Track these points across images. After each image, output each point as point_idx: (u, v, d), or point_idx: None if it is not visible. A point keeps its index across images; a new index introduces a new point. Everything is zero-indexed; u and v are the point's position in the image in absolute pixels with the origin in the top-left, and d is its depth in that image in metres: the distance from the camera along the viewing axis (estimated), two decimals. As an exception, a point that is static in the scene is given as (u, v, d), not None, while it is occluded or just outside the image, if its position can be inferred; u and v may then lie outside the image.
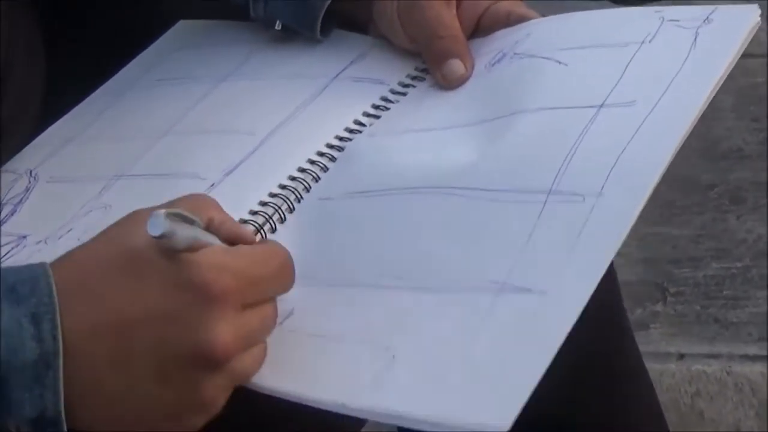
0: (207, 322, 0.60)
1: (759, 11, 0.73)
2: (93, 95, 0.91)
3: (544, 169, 0.69)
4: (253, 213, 0.74)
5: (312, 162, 0.77)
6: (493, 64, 0.80)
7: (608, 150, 0.68)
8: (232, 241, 0.64)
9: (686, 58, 0.72)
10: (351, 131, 0.79)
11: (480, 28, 0.83)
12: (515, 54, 0.79)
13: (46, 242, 0.77)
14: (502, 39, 0.82)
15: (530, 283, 0.64)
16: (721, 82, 0.71)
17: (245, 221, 0.73)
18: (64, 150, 0.86)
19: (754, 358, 1.42)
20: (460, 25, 0.82)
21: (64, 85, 0.90)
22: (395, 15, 0.83)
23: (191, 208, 0.63)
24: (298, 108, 0.82)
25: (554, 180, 0.68)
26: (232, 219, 0.66)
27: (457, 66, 0.80)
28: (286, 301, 0.67)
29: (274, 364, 0.65)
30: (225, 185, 0.77)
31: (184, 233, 0.60)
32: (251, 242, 0.65)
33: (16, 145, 0.86)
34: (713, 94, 0.70)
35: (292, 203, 0.75)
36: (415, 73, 0.84)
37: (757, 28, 0.73)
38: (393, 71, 0.84)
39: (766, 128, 1.75)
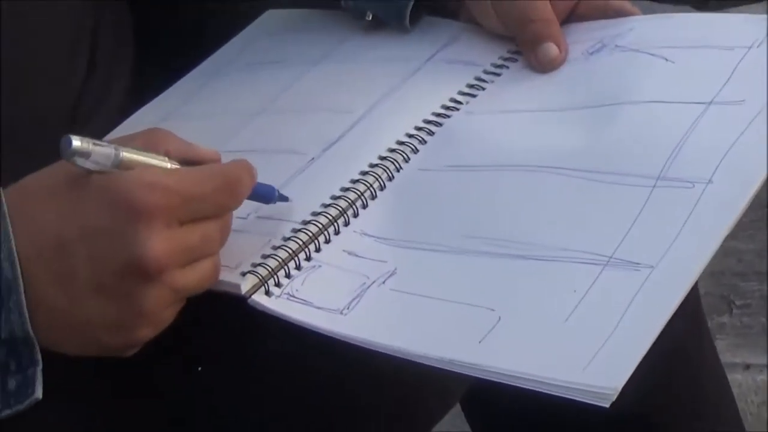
0: (137, 236, 0.63)
1: None
2: (185, 77, 0.91)
3: (653, 157, 0.71)
4: (354, 182, 0.75)
5: (410, 135, 0.79)
6: (592, 53, 0.81)
7: (718, 142, 0.70)
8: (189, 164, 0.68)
9: None
10: (447, 108, 0.81)
11: (575, 17, 0.84)
12: (617, 46, 0.80)
13: None
14: (601, 30, 0.83)
15: (638, 258, 0.65)
16: None
17: (345, 189, 0.75)
18: (163, 125, 0.86)
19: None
20: (554, 11, 0.82)
21: (152, 72, 0.92)
22: (488, 0, 0.83)
23: (147, 142, 0.67)
24: (393, 88, 0.83)
25: (663, 167, 0.70)
26: (193, 145, 0.69)
27: (551, 49, 0.81)
28: (388, 261, 0.70)
29: (379, 320, 0.67)
30: (325, 159, 0.78)
31: (103, 151, 0.64)
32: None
33: (105, 125, 0.86)
34: None
35: (391, 173, 0.76)
36: (507, 55, 0.85)
37: None
38: (485, 54, 0.85)
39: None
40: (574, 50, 0.82)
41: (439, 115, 0.80)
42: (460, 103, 0.81)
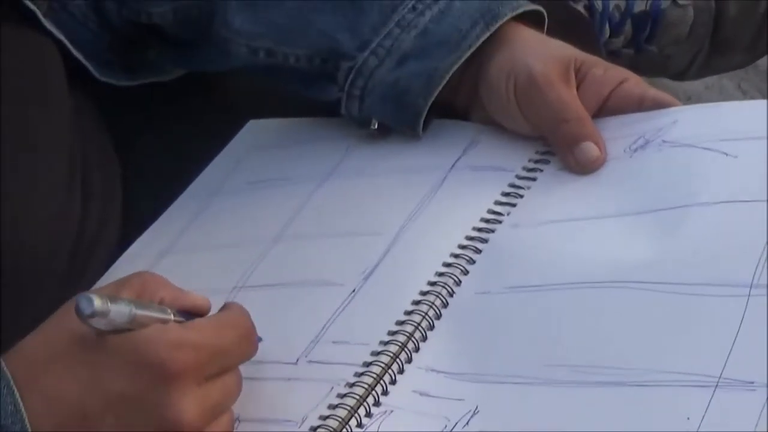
0: (170, 400, 0.61)
1: None
2: (175, 203, 0.87)
3: (741, 263, 0.66)
4: (408, 313, 0.71)
5: (456, 256, 0.74)
6: (635, 150, 0.76)
7: None
8: (187, 314, 0.65)
9: None
10: (488, 221, 0.76)
11: (605, 111, 0.79)
12: (664, 141, 0.76)
13: None
14: (642, 123, 0.78)
15: (751, 376, 0.61)
16: None
17: (401, 322, 0.70)
18: (161, 263, 0.82)
19: None
20: (584, 106, 0.78)
21: (139, 192, 0.88)
22: (512, 99, 0.79)
23: (139, 290, 0.64)
24: (421, 202, 0.79)
25: (754, 273, 0.65)
26: (185, 292, 0.67)
27: (591, 149, 0.76)
28: (466, 399, 0.66)
29: None
30: (367, 289, 0.74)
31: (120, 309, 0.60)
32: (206, 313, 0.66)
33: (104, 260, 0.84)
34: None
35: (445, 299, 0.71)
36: (537, 157, 0.80)
37: None
38: (512, 157, 0.80)
39: None
40: (614, 147, 0.77)
41: (481, 230, 0.75)
42: (500, 214, 0.76)
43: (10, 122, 0.76)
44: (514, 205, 0.77)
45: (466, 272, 0.73)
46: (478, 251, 0.74)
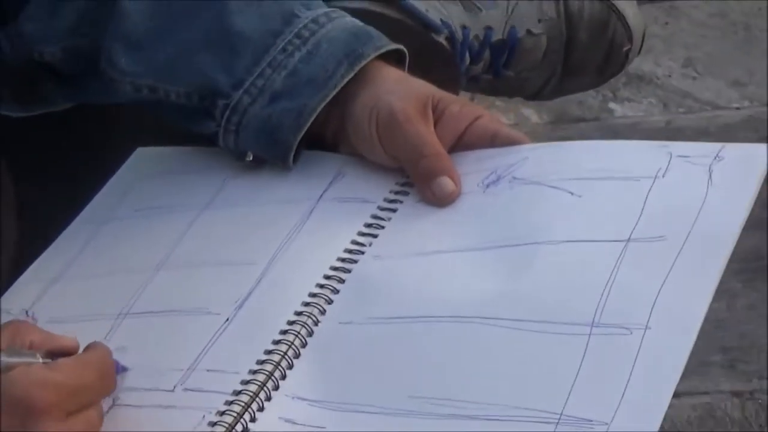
0: None
1: (766, 151, 0.75)
2: (67, 230, 0.90)
3: (583, 302, 0.69)
4: (276, 342, 0.75)
5: (321, 286, 0.78)
6: (488, 185, 0.81)
7: (646, 283, 0.69)
8: (55, 355, 0.70)
9: (706, 194, 0.73)
10: (351, 252, 0.80)
11: (461, 145, 0.84)
12: (515, 178, 0.80)
13: None
14: (493, 159, 0.82)
15: (589, 415, 0.64)
16: (744, 220, 0.72)
17: (269, 351, 0.74)
18: (53, 289, 0.86)
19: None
20: (441, 141, 0.83)
21: (32, 220, 0.92)
22: (374, 134, 0.84)
23: (10, 337, 0.70)
24: (290, 233, 0.83)
25: (595, 312, 0.69)
26: (52, 335, 0.72)
27: (446, 184, 0.81)
28: (326, 427, 0.69)
29: None
30: (239, 318, 0.78)
31: None
32: (74, 353, 0.72)
33: None
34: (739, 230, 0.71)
35: (310, 328, 0.76)
36: (397, 188, 0.84)
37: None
38: (375, 188, 0.85)
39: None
40: (468, 182, 0.82)
41: (345, 260, 0.79)
42: (363, 245, 0.80)
43: None
44: (375, 236, 0.81)
45: (330, 302, 0.77)
46: (341, 281, 0.78)
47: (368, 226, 0.82)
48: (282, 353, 0.74)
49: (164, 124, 0.94)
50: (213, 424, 0.70)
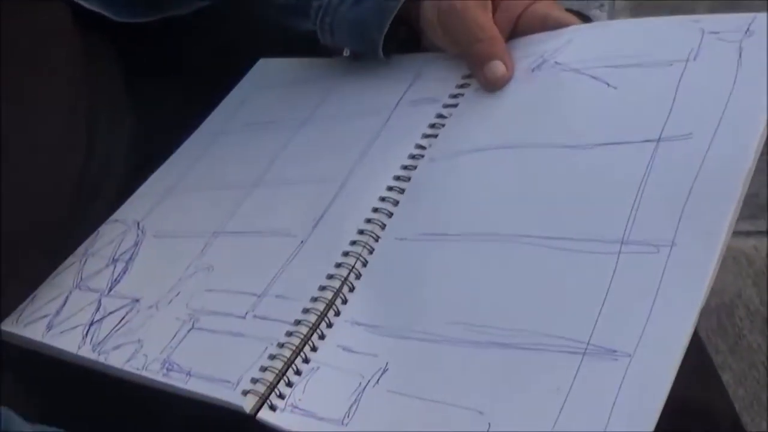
0: None
1: None
2: (187, 142, 0.95)
3: (614, 218, 0.68)
4: (338, 265, 0.77)
5: (383, 199, 0.79)
6: (533, 69, 0.81)
7: (673, 193, 0.67)
8: None
9: (735, 79, 0.71)
10: (413, 157, 0.81)
11: (518, 30, 0.85)
12: (557, 63, 0.80)
13: (157, 307, 0.82)
14: (542, 44, 0.82)
15: (614, 344, 0.63)
16: None
17: (331, 276, 0.76)
18: (166, 201, 0.90)
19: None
20: (498, 27, 0.84)
21: (152, 132, 0.96)
22: (437, 24, 0.85)
23: None
24: (367, 144, 0.85)
25: (625, 230, 0.67)
26: None
27: (497, 67, 0.82)
28: (378, 355, 0.71)
29: (374, 424, 0.68)
30: (313, 239, 0.80)
31: None
32: None
33: (110, 202, 0.92)
34: None
35: (371, 246, 0.77)
36: (461, 81, 0.85)
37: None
38: (444, 85, 0.85)
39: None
40: (519, 67, 0.82)
41: (406, 167, 0.80)
42: (423, 147, 0.81)
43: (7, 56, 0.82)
44: (435, 137, 0.82)
45: (390, 215, 0.78)
46: (402, 191, 0.79)
47: (431, 126, 0.83)
48: (343, 278, 0.75)
49: (289, 34, 0.97)
50: (273, 357, 0.73)
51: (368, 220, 0.78)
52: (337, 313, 0.75)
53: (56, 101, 0.88)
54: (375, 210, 0.79)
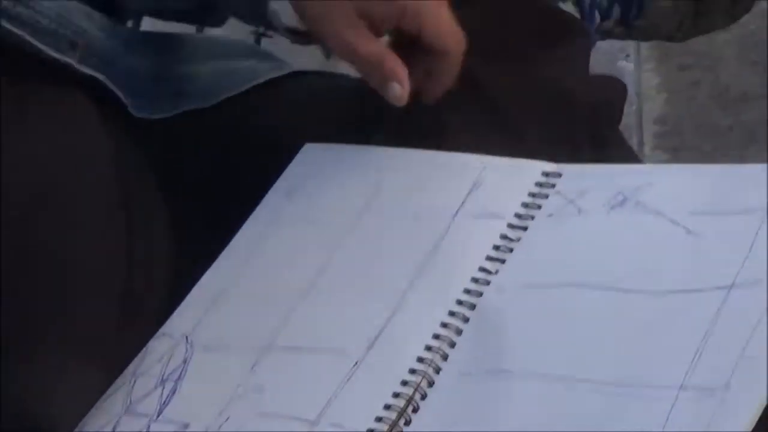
0: None
1: None
2: (233, 241, 0.90)
3: (675, 360, 0.69)
4: (395, 395, 0.75)
5: (445, 325, 0.77)
6: (613, 207, 0.79)
7: (735, 338, 0.68)
8: None
9: None
10: (477, 281, 0.79)
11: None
12: (638, 203, 0.78)
13: None
14: (621, 177, 0.81)
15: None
16: None
17: (388, 407, 0.74)
18: (214, 310, 0.87)
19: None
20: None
21: (194, 232, 0.92)
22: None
23: None
24: (426, 259, 0.82)
25: (686, 374, 0.68)
26: None
27: (394, 89, 0.84)
28: None
29: None
30: (369, 361, 0.78)
31: None
32: None
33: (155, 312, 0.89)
34: None
35: (431, 377, 0.75)
36: (527, 199, 0.82)
37: None
38: (508, 199, 0.83)
39: None
40: (597, 199, 0.80)
41: (470, 292, 0.78)
42: (488, 272, 0.79)
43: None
44: (503, 262, 0.79)
45: (453, 344, 0.76)
46: (466, 320, 0.77)
47: (496, 248, 0.80)
48: (399, 410, 0.74)
49: (331, 116, 0.94)
50: None
51: (428, 348, 0.76)
52: None
53: (94, 208, 0.87)
54: (436, 337, 0.76)
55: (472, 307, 0.78)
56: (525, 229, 0.81)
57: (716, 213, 0.75)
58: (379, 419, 0.74)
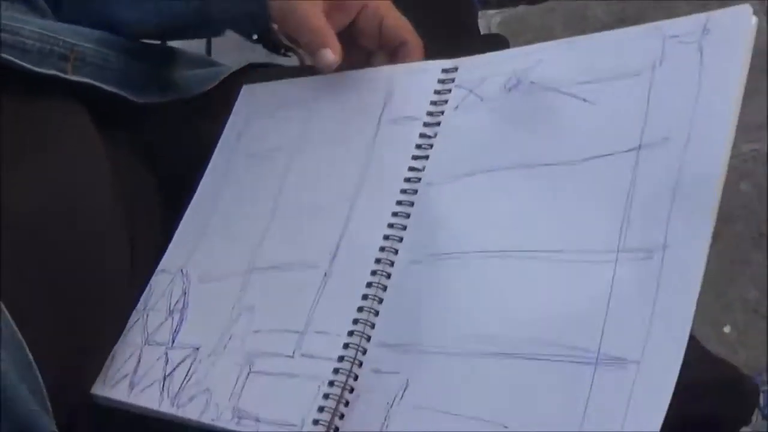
0: None
1: (751, 10, 0.73)
2: (202, 183, 1.02)
3: (609, 227, 0.72)
4: (364, 297, 0.84)
5: (390, 225, 0.86)
6: (509, 89, 0.84)
7: (659, 196, 0.71)
8: None
9: (699, 79, 0.74)
10: (409, 180, 0.87)
11: (357, 27, 0.97)
12: (532, 83, 0.83)
13: (216, 353, 0.88)
14: (512, 61, 0.86)
15: (623, 353, 0.68)
16: (741, 93, 0.72)
17: (360, 309, 0.83)
18: (200, 245, 0.97)
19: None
20: (332, 22, 0.95)
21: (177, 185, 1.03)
22: (279, 21, 0.97)
23: None
24: (363, 169, 0.91)
25: (620, 237, 0.72)
26: None
27: (326, 54, 0.94)
28: (401, 372, 0.77)
29: None
30: (334, 271, 0.86)
31: None
32: None
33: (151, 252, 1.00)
34: (738, 108, 0.71)
35: (388, 272, 0.84)
36: (433, 97, 0.90)
37: (756, 27, 0.73)
38: (418, 101, 0.91)
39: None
40: (493, 85, 0.86)
41: (405, 191, 0.86)
42: (417, 170, 0.87)
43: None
44: (427, 158, 0.87)
45: (400, 240, 0.84)
46: (407, 216, 0.84)
47: (419, 147, 0.88)
48: (370, 308, 0.82)
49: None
50: (327, 396, 0.78)
51: (382, 248, 0.85)
52: (368, 339, 0.82)
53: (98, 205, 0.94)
54: (386, 237, 0.85)
55: (411, 204, 0.86)
56: (438, 124, 0.89)
57: (606, 79, 0.79)
58: (356, 321, 0.83)
